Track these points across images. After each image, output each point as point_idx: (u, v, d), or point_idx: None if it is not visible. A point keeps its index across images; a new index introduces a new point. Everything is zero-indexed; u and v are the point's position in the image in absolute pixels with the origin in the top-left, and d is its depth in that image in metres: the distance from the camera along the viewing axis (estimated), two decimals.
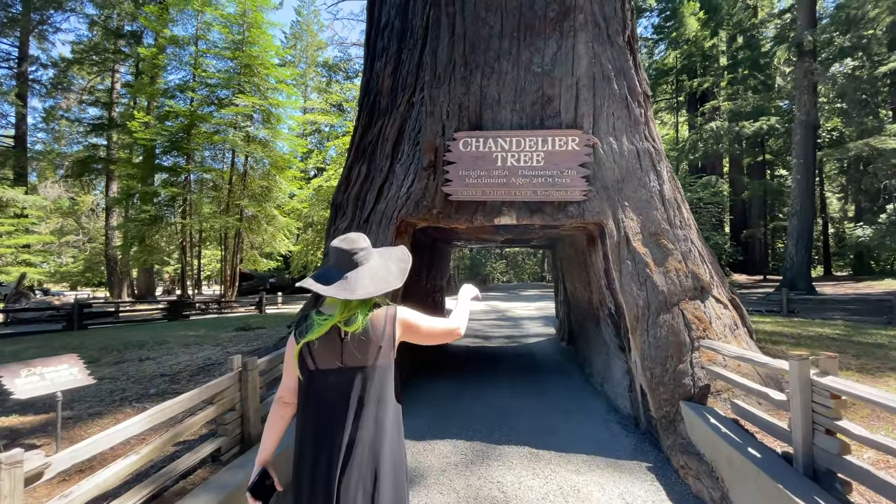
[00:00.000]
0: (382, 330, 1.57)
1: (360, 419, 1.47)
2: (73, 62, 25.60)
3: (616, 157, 5.49)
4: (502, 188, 5.47)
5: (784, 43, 20.46)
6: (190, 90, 17.38)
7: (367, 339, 1.51)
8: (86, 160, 24.28)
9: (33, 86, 25.15)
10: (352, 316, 1.52)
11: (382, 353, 1.54)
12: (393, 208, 5.47)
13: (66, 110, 31.97)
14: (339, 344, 1.50)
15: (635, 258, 5.04)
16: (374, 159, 6.32)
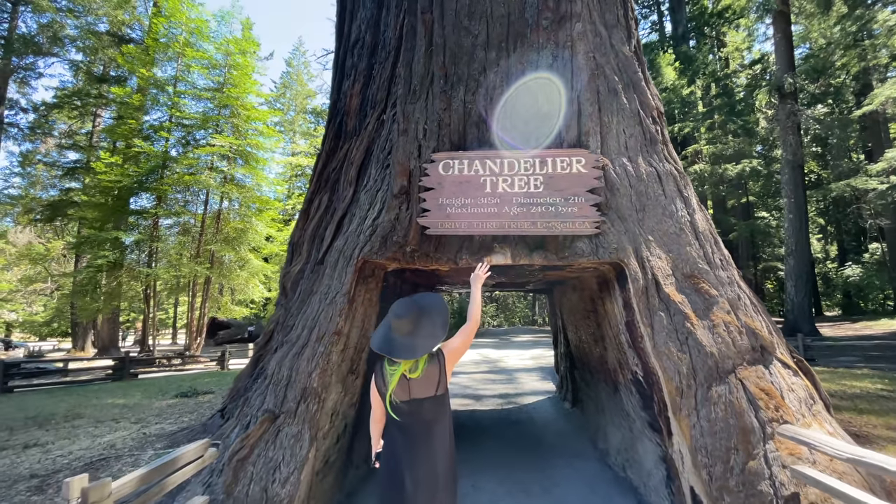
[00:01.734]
0: (437, 369, 2.28)
1: (428, 432, 2.26)
2: (54, 106, 24.81)
3: (632, 181, 4.35)
4: (493, 219, 4.25)
5: (766, 86, 20.49)
6: (163, 131, 16.39)
7: (427, 378, 2.25)
8: (56, 204, 22.89)
9: (9, 129, 24.16)
10: (414, 365, 2.26)
11: (440, 385, 2.29)
12: (353, 245, 4.20)
13: (45, 154, 30.90)
14: (407, 383, 2.25)
15: (670, 308, 3.78)
16: (337, 188, 5.12)
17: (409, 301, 2.44)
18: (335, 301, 3.93)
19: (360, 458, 4.98)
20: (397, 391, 2.24)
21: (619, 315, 4.41)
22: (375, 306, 4.72)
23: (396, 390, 2.24)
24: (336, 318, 3.85)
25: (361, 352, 4.50)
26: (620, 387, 4.96)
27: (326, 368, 3.74)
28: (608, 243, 4.08)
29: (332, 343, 3.79)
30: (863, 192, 21.68)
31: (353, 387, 4.43)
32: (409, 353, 2.23)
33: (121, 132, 16.63)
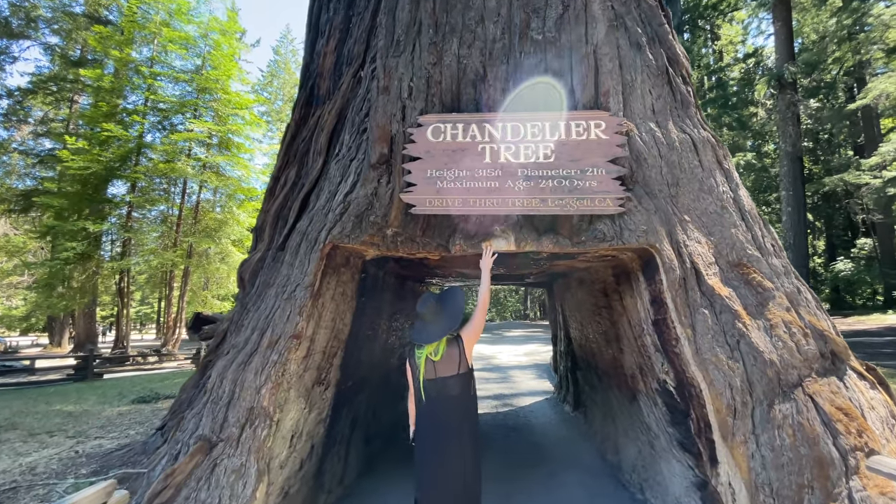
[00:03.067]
0: (457, 351, 2.64)
1: (455, 407, 2.60)
2: (29, 92, 23.40)
3: (663, 150, 3.54)
4: (493, 195, 3.42)
5: (765, 76, 19.87)
6: (137, 115, 15.25)
7: (449, 358, 2.61)
8: (31, 194, 21.59)
9: None
10: (435, 349, 2.64)
11: (461, 364, 2.62)
12: (319, 226, 3.33)
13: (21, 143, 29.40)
14: (433, 365, 2.61)
15: (714, 305, 2.98)
16: (307, 161, 4.24)
17: (428, 295, 2.83)
18: (294, 296, 3.08)
19: (333, 481, 4.15)
20: (426, 372, 2.61)
21: (645, 313, 3.61)
22: (351, 302, 3.87)
23: (425, 371, 2.61)
24: (295, 316, 3.00)
25: (332, 357, 3.66)
26: (640, 396, 4.18)
27: (281, 381, 2.89)
28: (635, 225, 3.27)
29: (288, 349, 2.94)
30: (855, 187, 21.31)
31: (322, 400, 3.59)
32: (427, 338, 2.65)
33: (90, 116, 15.45)
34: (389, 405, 5.97)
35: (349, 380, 4.17)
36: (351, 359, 4.13)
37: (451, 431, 2.56)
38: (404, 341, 6.68)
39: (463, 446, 2.55)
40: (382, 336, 5.24)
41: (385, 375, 5.64)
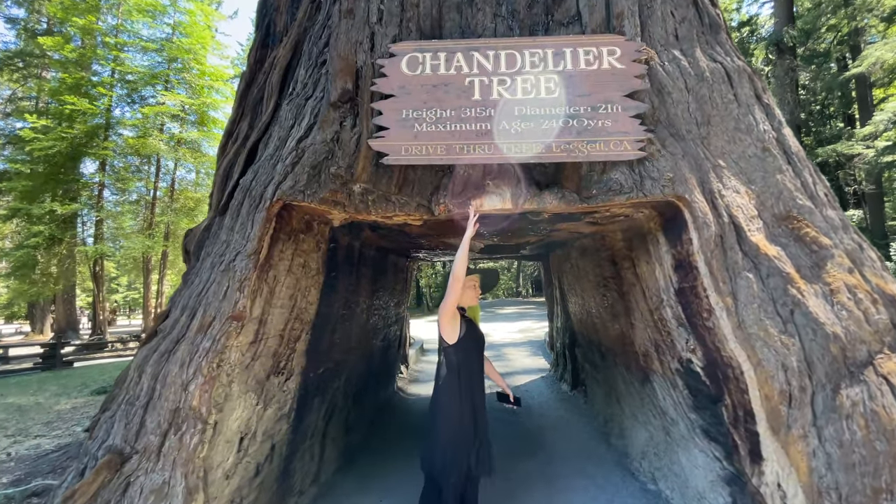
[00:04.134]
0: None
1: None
2: None
3: (690, 82, 2.87)
4: (485, 140, 2.74)
5: (764, 41, 19.05)
6: (102, 87, 14.11)
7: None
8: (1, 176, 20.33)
9: None
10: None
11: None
12: (266, 179, 2.62)
13: None
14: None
15: (760, 267, 2.38)
16: (260, 109, 3.50)
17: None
18: (233, 267, 2.40)
19: (305, 481, 3.58)
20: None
21: (665, 281, 3.01)
22: (317, 277, 3.21)
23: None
24: (234, 293, 2.34)
25: (294, 341, 3.02)
26: (654, 376, 3.62)
27: (217, 374, 2.25)
28: (659, 172, 2.63)
29: (226, 333, 2.29)
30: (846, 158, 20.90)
31: (283, 392, 2.96)
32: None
33: (53, 90, 14.27)
34: (373, 390, 5.39)
35: (320, 366, 3.55)
36: (321, 342, 3.49)
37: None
38: (389, 321, 6.06)
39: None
40: (362, 316, 4.60)
41: (367, 358, 5.03)
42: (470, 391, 2.60)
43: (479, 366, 2.71)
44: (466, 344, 2.63)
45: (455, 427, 2.56)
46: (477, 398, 2.63)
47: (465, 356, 2.63)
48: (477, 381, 2.67)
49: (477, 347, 2.71)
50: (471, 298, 2.92)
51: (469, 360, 2.64)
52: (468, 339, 2.65)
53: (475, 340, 2.72)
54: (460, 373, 2.60)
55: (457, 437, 2.54)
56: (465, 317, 2.72)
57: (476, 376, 2.67)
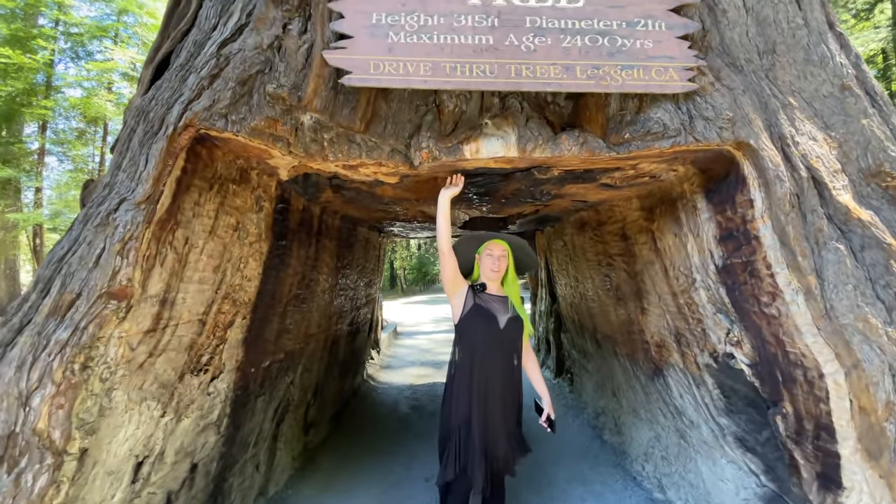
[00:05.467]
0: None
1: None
2: None
3: (750, 0, 2.19)
4: (485, 59, 1.98)
5: None
6: (40, 38, 12.39)
7: None
8: None
9: None
10: None
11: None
12: (169, 98, 1.78)
13: None
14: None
15: (851, 236, 1.75)
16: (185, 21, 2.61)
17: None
18: (112, 220, 1.59)
19: (248, 497, 2.85)
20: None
21: (704, 256, 2.37)
22: (258, 244, 2.41)
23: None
24: (112, 258, 1.53)
25: (225, 328, 2.24)
26: (670, 370, 3.03)
27: (85, 379, 1.47)
28: (715, 111, 1.95)
29: (98, 318, 1.50)
30: None
31: (208, 396, 2.19)
32: None
33: None
34: (337, 380, 4.66)
35: (265, 358, 2.78)
36: (266, 329, 2.72)
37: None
38: (358, 303, 5.30)
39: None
40: (324, 296, 3.82)
41: (331, 345, 4.28)
42: (474, 384, 2.11)
43: (494, 354, 2.16)
44: (472, 323, 2.20)
45: (447, 426, 2.16)
46: (490, 396, 2.11)
47: (469, 339, 2.19)
48: (490, 373, 2.13)
49: (489, 330, 2.18)
50: (490, 271, 2.30)
51: (474, 345, 2.17)
52: (475, 318, 2.20)
53: (485, 320, 2.19)
54: (462, 358, 2.18)
55: (446, 439, 2.14)
56: (477, 290, 2.28)
57: (488, 367, 2.14)
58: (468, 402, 2.11)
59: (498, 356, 2.16)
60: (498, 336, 2.18)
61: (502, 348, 2.18)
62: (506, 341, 2.19)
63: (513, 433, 2.18)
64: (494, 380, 2.13)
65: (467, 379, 2.14)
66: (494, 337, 2.17)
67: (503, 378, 2.16)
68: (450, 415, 2.16)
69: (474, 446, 2.03)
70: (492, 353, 2.16)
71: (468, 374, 2.15)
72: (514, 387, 2.20)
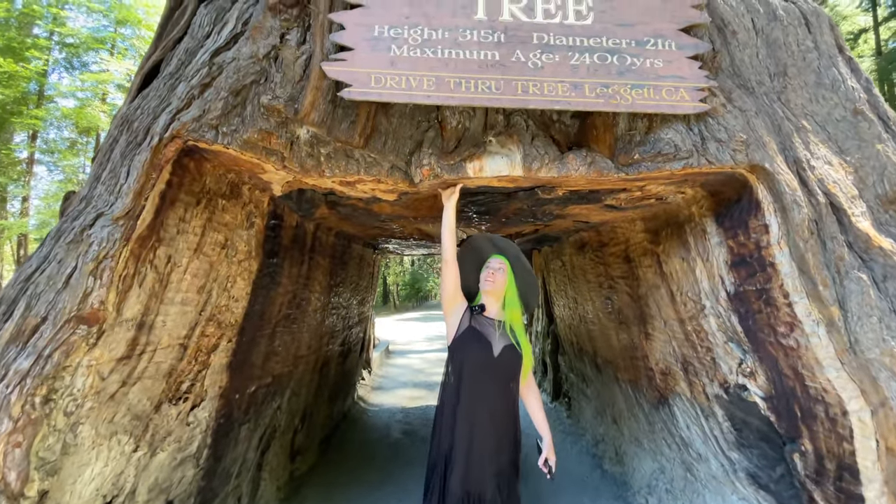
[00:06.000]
0: None
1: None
2: None
3: (759, 21, 2.16)
4: (490, 75, 1.91)
5: None
6: (34, 49, 12.32)
7: None
8: None
9: None
10: None
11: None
12: (157, 107, 1.68)
13: None
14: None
15: (873, 265, 1.67)
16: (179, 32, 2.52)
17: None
18: (87, 237, 1.46)
19: None
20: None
21: (714, 282, 2.28)
22: (247, 262, 2.29)
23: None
24: (84, 278, 1.40)
25: (208, 353, 2.09)
26: (676, 400, 2.91)
27: (46, 414, 1.32)
28: (728, 132, 1.89)
29: (65, 344, 1.35)
30: None
31: (185, 427, 2.03)
32: None
33: None
34: (327, 404, 4.47)
35: (251, 383, 2.61)
36: (254, 352, 2.57)
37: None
38: (350, 322, 5.14)
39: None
40: (315, 316, 3.68)
41: (321, 367, 4.11)
42: (459, 414, 1.92)
43: (485, 383, 1.96)
44: (464, 346, 2.02)
45: (433, 455, 1.98)
46: (478, 430, 1.89)
47: (460, 364, 2.01)
48: (479, 403, 1.93)
49: (481, 356, 1.98)
50: (485, 281, 2.13)
51: (464, 371, 1.98)
52: (468, 342, 2.02)
53: (478, 345, 1.99)
54: (452, 384, 2.00)
55: (432, 470, 1.96)
56: (475, 312, 2.09)
57: (477, 397, 1.93)
58: (451, 431, 1.92)
59: (490, 386, 1.96)
60: (491, 364, 1.97)
61: (495, 378, 1.98)
62: (500, 370, 1.99)
63: (504, 475, 1.94)
64: (483, 411, 1.92)
65: (453, 408, 1.96)
66: (487, 364, 1.97)
67: (495, 411, 1.95)
68: (438, 442, 1.98)
69: (454, 485, 1.83)
70: (483, 381, 1.95)
71: (455, 402, 1.96)
72: (508, 422, 1.98)
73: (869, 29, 13.44)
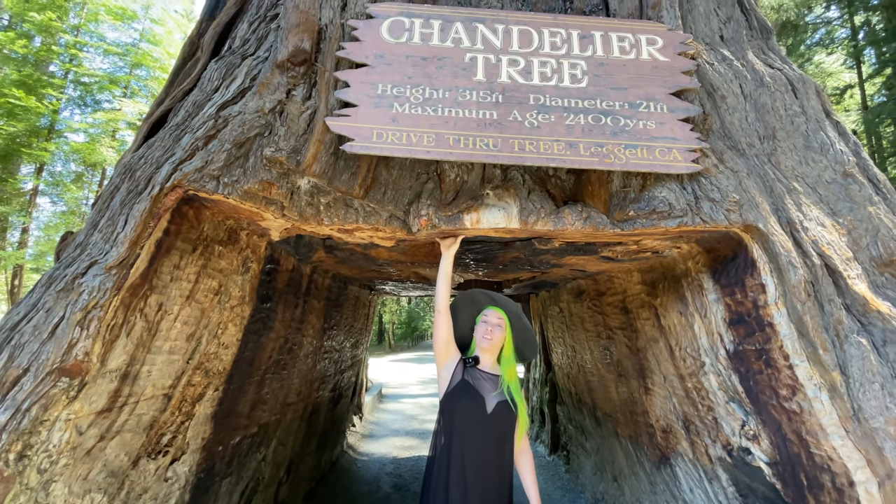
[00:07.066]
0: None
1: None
2: None
3: (747, 87, 2.27)
4: (488, 133, 1.98)
5: None
6: (50, 87, 12.81)
7: None
8: None
9: None
10: None
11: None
12: (161, 156, 1.72)
13: None
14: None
15: (872, 329, 1.66)
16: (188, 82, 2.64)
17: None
18: (77, 286, 1.46)
19: None
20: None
21: (713, 339, 2.26)
22: (240, 308, 2.27)
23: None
24: (70, 329, 1.38)
25: (193, 403, 2.03)
26: (678, 461, 2.80)
27: (18, 472, 1.26)
28: (721, 192, 1.93)
29: (45, 398, 1.31)
30: None
31: (163, 483, 1.93)
32: None
33: None
34: (314, 453, 4.29)
35: (235, 434, 2.52)
36: (240, 401, 2.49)
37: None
38: (343, 366, 5.03)
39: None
40: (307, 361, 3.60)
41: (310, 415, 3.97)
42: (451, 477, 1.82)
43: (477, 442, 1.85)
44: (456, 400, 1.92)
45: None
46: (470, 496, 1.78)
47: (451, 421, 1.90)
48: (471, 464, 1.82)
49: (474, 412, 1.88)
50: (482, 338, 2.04)
51: (455, 428, 1.87)
52: (460, 396, 1.92)
53: (471, 400, 1.89)
54: (443, 443, 1.89)
55: None
56: (468, 365, 2.03)
57: (470, 457, 1.83)
58: (445, 491, 1.82)
59: (481, 445, 1.85)
60: (484, 421, 1.88)
61: (488, 435, 1.87)
62: (492, 428, 1.88)
63: None
64: (475, 474, 1.83)
65: (445, 470, 1.86)
66: (479, 421, 1.87)
67: (488, 473, 1.84)
68: (432, 500, 1.86)
69: None
70: (475, 440, 1.85)
71: (446, 463, 1.85)
72: (501, 485, 1.87)
73: (854, 85, 14.07)
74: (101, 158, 12.70)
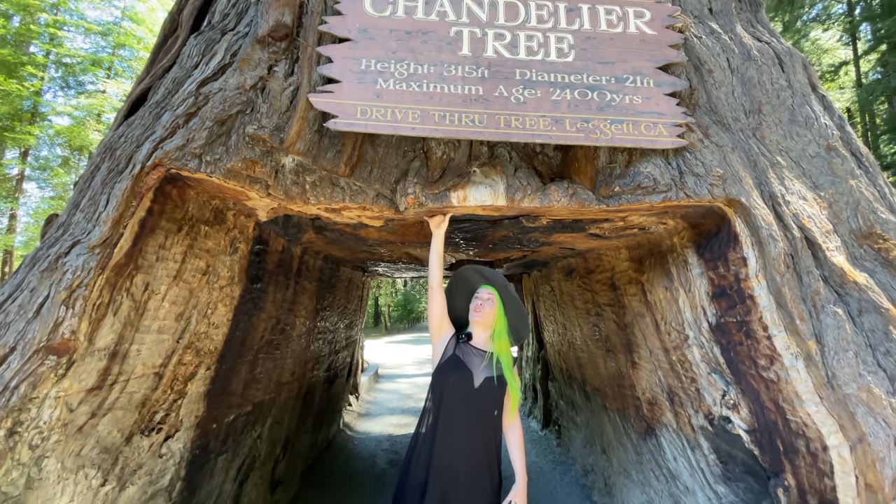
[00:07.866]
0: None
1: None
2: None
3: (735, 61, 2.25)
4: (474, 109, 1.96)
5: None
6: (30, 66, 12.44)
7: None
8: None
9: None
10: None
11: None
12: (141, 135, 1.70)
13: None
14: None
15: (848, 300, 1.70)
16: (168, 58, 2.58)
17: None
18: (61, 265, 1.46)
19: None
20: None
21: (696, 312, 2.30)
22: (229, 289, 2.28)
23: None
24: (56, 308, 1.39)
25: (185, 381, 2.05)
26: (663, 431, 2.89)
27: (10, 448, 1.28)
28: (705, 167, 1.94)
29: (33, 376, 1.33)
30: None
31: (158, 459, 1.97)
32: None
33: None
34: (310, 432, 4.37)
35: (230, 412, 2.56)
36: (233, 380, 2.52)
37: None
38: (337, 346, 5.08)
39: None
40: (300, 341, 3.64)
41: (305, 393, 4.03)
42: (435, 448, 1.85)
43: (462, 416, 1.88)
44: (445, 375, 1.97)
45: (402, 482, 1.92)
46: (454, 467, 1.82)
47: (438, 393, 1.95)
48: (455, 437, 1.85)
49: (461, 386, 1.92)
50: (477, 317, 2.07)
51: (441, 401, 1.92)
52: (449, 370, 1.97)
53: (459, 374, 1.94)
54: (430, 415, 1.94)
55: (399, 498, 1.90)
56: (461, 340, 2.08)
57: (453, 429, 1.87)
58: (426, 468, 1.84)
59: (465, 418, 1.87)
60: (469, 395, 1.90)
61: (472, 411, 1.89)
62: (478, 403, 1.91)
63: None
64: (460, 447, 1.85)
65: (430, 440, 1.89)
66: (466, 395, 1.90)
67: (472, 446, 1.86)
68: (414, 472, 1.89)
69: None
70: (460, 413, 1.88)
71: (432, 433, 1.89)
72: (486, 460, 1.89)
73: (849, 62, 13.98)
74: (86, 142, 12.45)
